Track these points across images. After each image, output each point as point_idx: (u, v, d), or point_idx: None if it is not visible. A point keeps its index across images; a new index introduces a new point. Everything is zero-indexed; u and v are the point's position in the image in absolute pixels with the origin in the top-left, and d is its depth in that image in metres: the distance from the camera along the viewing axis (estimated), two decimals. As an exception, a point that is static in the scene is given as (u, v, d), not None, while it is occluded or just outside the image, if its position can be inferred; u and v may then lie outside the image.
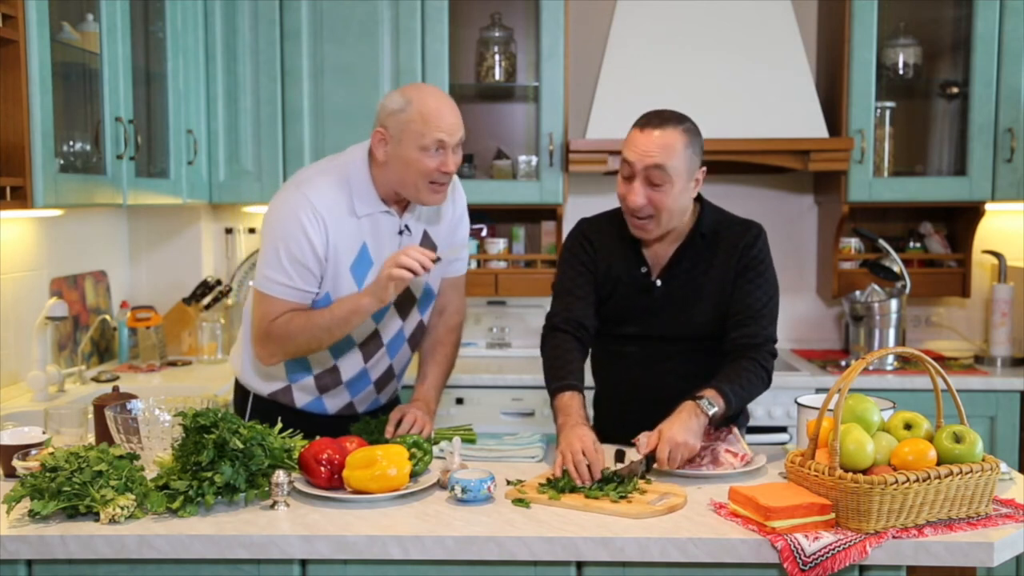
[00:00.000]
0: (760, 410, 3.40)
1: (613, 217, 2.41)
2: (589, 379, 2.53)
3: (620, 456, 2.18)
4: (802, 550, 1.70)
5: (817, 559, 1.69)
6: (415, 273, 2.17)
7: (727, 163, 3.66)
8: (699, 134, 2.26)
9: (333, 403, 2.47)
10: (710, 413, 2.11)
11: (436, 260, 2.21)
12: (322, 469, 1.95)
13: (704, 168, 2.29)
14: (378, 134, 2.26)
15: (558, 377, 2.25)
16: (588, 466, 2.01)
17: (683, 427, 2.07)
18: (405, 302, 2.42)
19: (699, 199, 2.35)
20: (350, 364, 2.43)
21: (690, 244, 2.33)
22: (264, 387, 2.48)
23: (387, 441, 2.21)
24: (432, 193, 2.27)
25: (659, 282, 2.34)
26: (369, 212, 2.31)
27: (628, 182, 2.24)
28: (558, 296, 2.40)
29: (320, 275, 2.28)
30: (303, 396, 2.46)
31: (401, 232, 2.37)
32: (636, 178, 2.21)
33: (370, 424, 2.38)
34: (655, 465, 2.06)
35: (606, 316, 2.40)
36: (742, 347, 2.27)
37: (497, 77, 3.81)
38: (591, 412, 2.54)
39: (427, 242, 2.42)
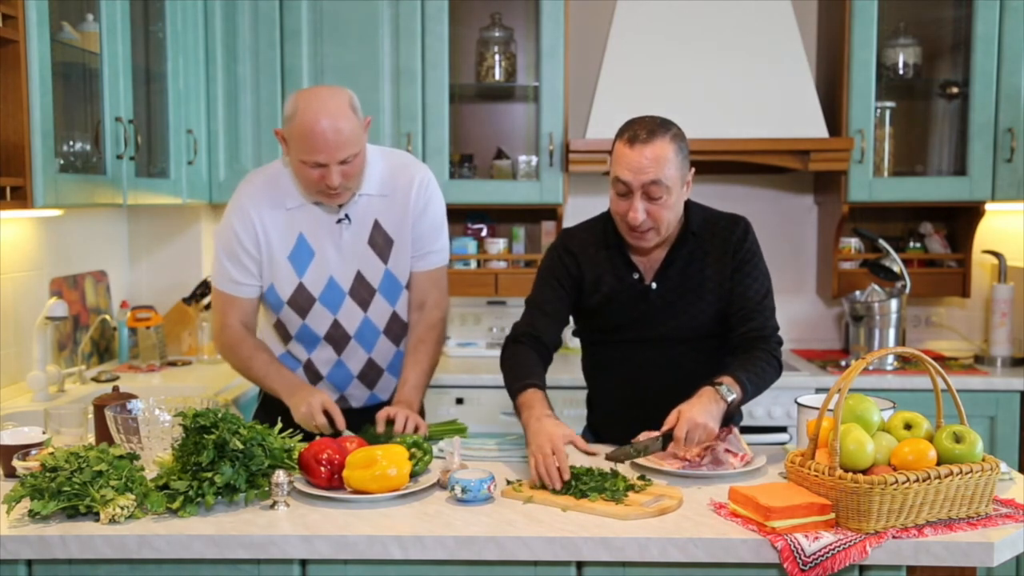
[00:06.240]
0: (760, 410, 3.40)
1: (596, 226, 2.39)
2: (579, 380, 2.53)
3: (620, 456, 2.17)
4: (802, 550, 1.70)
5: (817, 559, 1.69)
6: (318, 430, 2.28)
7: (727, 163, 3.67)
8: (684, 137, 2.24)
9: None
10: (729, 399, 2.11)
11: (338, 432, 2.27)
12: (322, 469, 1.95)
13: (693, 169, 2.28)
14: (279, 134, 2.30)
15: (518, 379, 2.22)
16: (559, 468, 1.97)
17: (703, 409, 2.06)
18: (362, 291, 2.43)
19: None
20: (322, 357, 2.48)
21: (681, 244, 2.32)
22: None
23: (387, 441, 2.20)
24: (326, 198, 2.31)
25: (654, 285, 2.32)
26: (300, 204, 2.37)
27: (625, 199, 2.21)
28: (527, 309, 2.38)
29: (256, 267, 2.38)
30: None
31: (340, 221, 2.38)
32: (634, 195, 2.19)
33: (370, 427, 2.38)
34: (670, 445, 2.06)
35: (600, 325, 2.38)
36: (751, 340, 2.27)
37: (497, 77, 3.81)
38: (584, 412, 2.55)
39: (378, 231, 2.41)
